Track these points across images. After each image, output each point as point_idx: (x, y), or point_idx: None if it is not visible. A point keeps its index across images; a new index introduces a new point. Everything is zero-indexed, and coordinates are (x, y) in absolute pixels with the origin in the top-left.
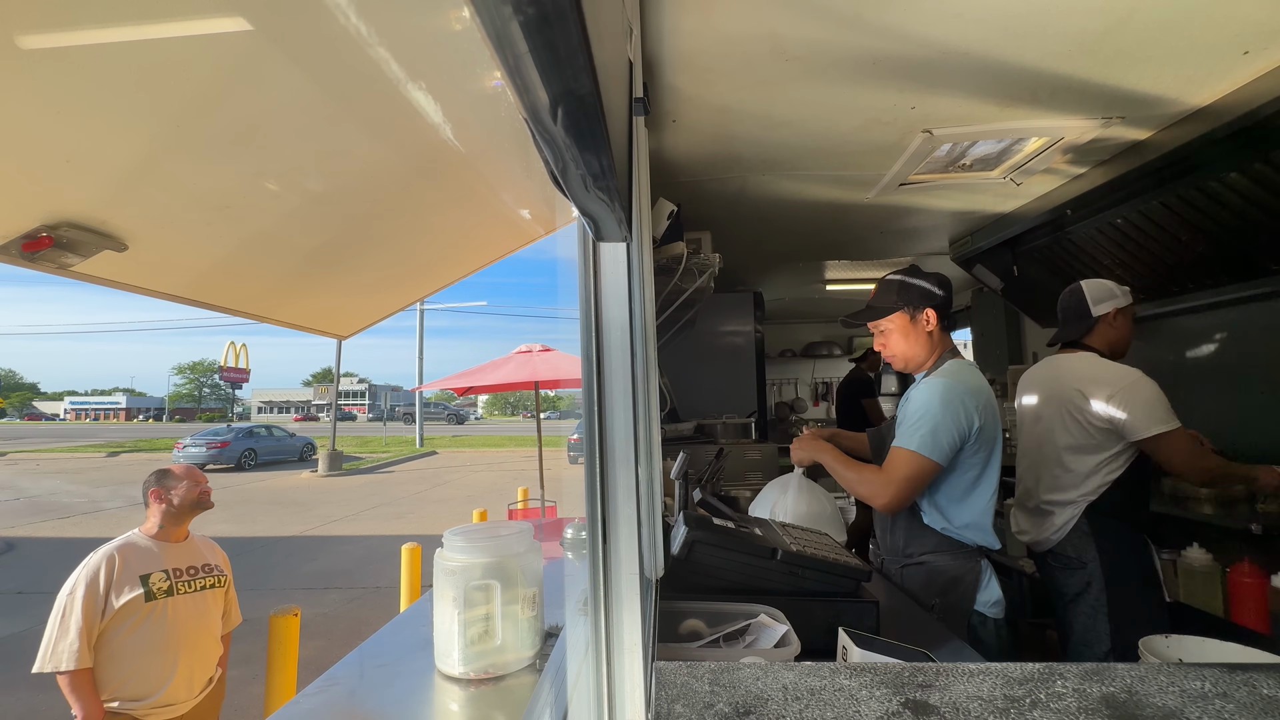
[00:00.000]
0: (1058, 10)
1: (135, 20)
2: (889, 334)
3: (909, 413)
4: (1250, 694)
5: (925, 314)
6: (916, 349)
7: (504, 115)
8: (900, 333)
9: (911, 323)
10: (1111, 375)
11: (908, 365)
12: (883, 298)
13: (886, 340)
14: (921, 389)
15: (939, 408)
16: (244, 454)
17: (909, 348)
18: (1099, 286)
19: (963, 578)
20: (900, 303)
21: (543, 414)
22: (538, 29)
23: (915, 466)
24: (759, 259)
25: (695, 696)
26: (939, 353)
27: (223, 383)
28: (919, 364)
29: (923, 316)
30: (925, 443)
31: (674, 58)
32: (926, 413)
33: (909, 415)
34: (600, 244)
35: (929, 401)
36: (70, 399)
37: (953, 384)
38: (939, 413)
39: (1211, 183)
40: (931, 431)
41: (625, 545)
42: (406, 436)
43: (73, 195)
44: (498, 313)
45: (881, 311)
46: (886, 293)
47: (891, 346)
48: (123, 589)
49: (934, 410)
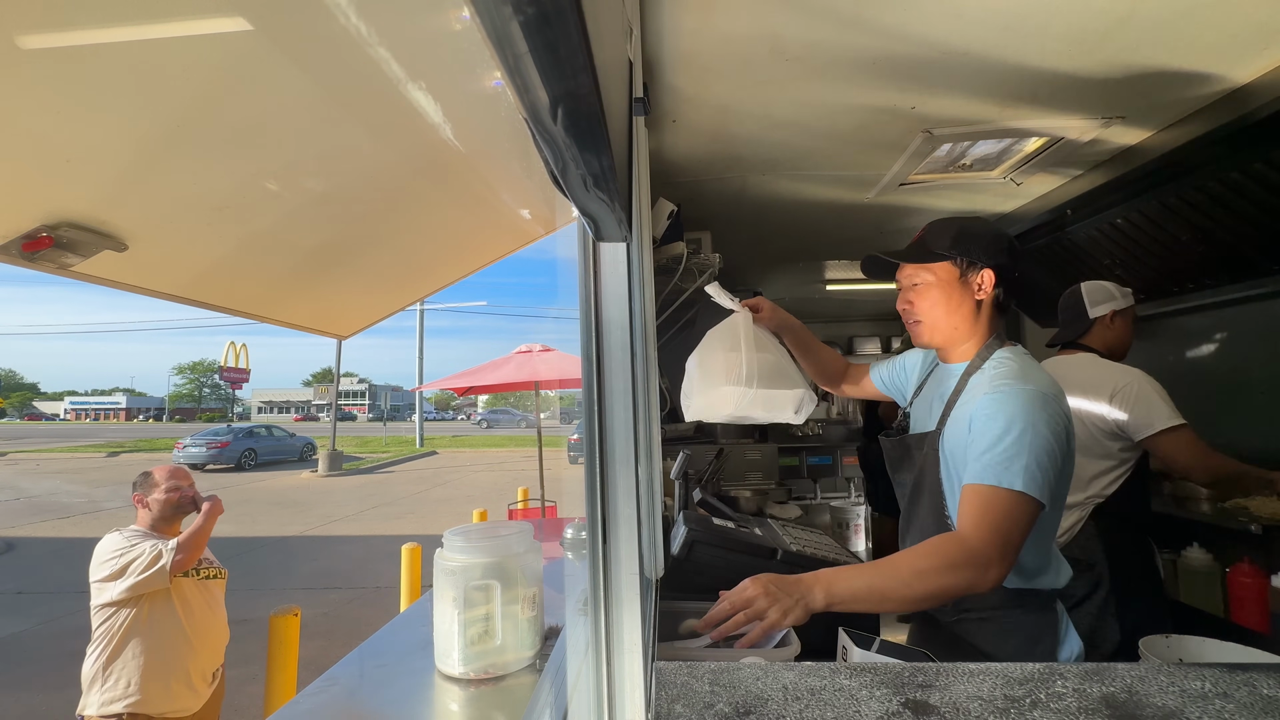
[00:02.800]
0: (1058, 10)
1: (135, 20)
2: (925, 290)
3: (984, 430)
4: (1250, 694)
5: (982, 275)
6: (958, 319)
7: (504, 115)
8: (943, 290)
9: (960, 281)
10: (1111, 376)
11: (935, 339)
12: (934, 239)
13: (918, 299)
14: (998, 397)
15: (1044, 426)
16: (244, 454)
17: (948, 314)
18: (1097, 288)
19: (1041, 637)
20: (955, 251)
21: (543, 414)
22: (538, 29)
23: (1022, 512)
24: (759, 259)
25: (695, 696)
26: (986, 336)
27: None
28: (952, 339)
29: (977, 278)
30: (1033, 478)
31: (674, 58)
32: (1021, 432)
33: (984, 433)
34: (600, 244)
35: (1021, 416)
36: (70, 399)
37: (1044, 393)
38: (1045, 433)
39: (1211, 183)
40: (1038, 460)
41: (625, 545)
42: (407, 436)
43: (73, 195)
44: (498, 313)
45: (926, 255)
46: (939, 234)
47: (921, 308)
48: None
49: (1035, 428)
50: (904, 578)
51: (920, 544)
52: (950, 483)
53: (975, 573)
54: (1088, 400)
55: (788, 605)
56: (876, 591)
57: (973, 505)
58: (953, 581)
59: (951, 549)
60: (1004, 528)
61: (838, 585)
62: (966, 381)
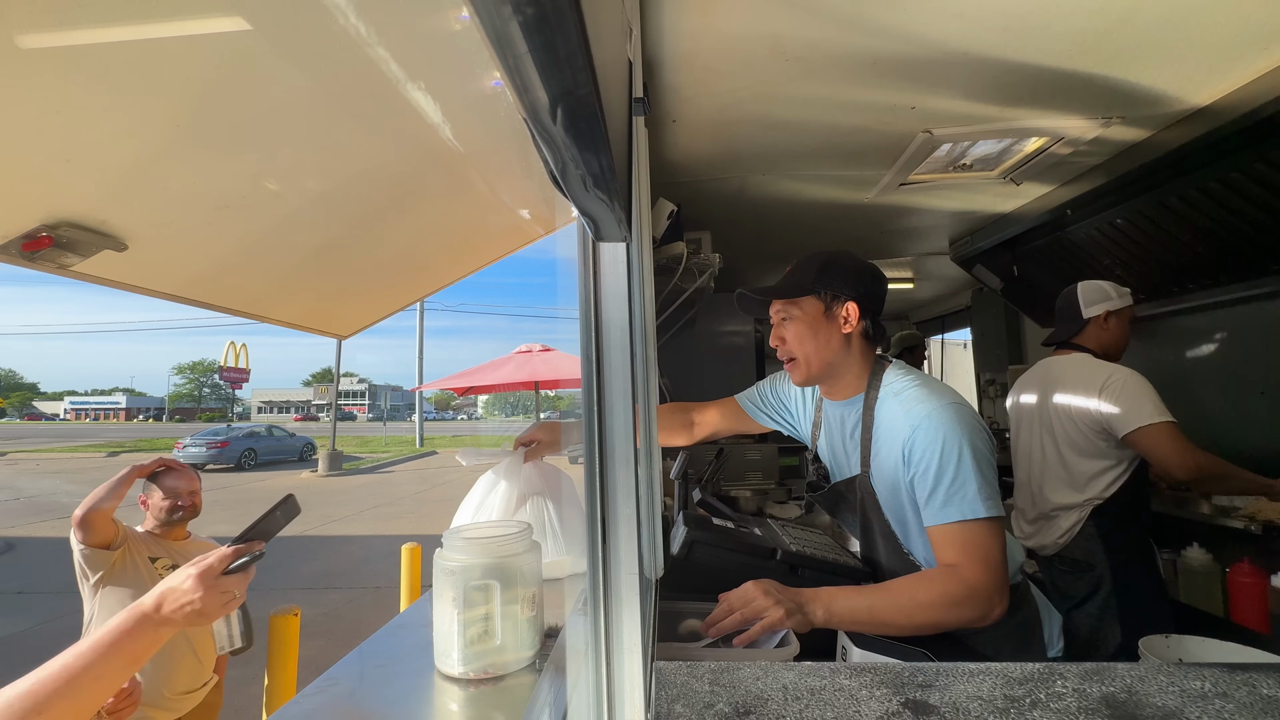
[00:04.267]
0: (1058, 10)
1: (135, 20)
2: (792, 325)
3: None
4: (1250, 694)
5: (846, 308)
6: (828, 353)
7: (504, 115)
8: (809, 325)
9: (826, 315)
10: (1098, 373)
11: (811, 374)
12: (800, 274)
13: (786, 334)
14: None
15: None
16: (244, 454)
17: (818, 350)
18: (1092, 288)
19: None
20: (818, 285)
21: (543, 414)
22: (537, 29)
23: (995, 534)
24: (759, 259)
25: (695, 696)
26: (867, 366)
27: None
28: (828, 374)
29: (842, 310)
30: (988, 499)
31: (674, 58)
32: (959, 456)
33: (928, 469)
34: (600, 244)
35: (954, 438)
36: (70, 399)
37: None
38: (978, 445)
39: (1212, 183)
40: (984, 478)
41: (625, 545)
42: (406, 436)
43: (73, 195)
44: (498, 313)
45: (788, 290)
46: (805, 269)
47: (792, 344)
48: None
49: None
50: (904, 607)
51: (921, 574)
52: (897, 516)
53: (979, 610)
54: (1078, 399)
55: (790, 608)
56: (875, 617)
57: (952, 545)
58: (955, 618)
59: (953, 587)
60: (990, 557)
61: (837, 604)
62: (873, 414)
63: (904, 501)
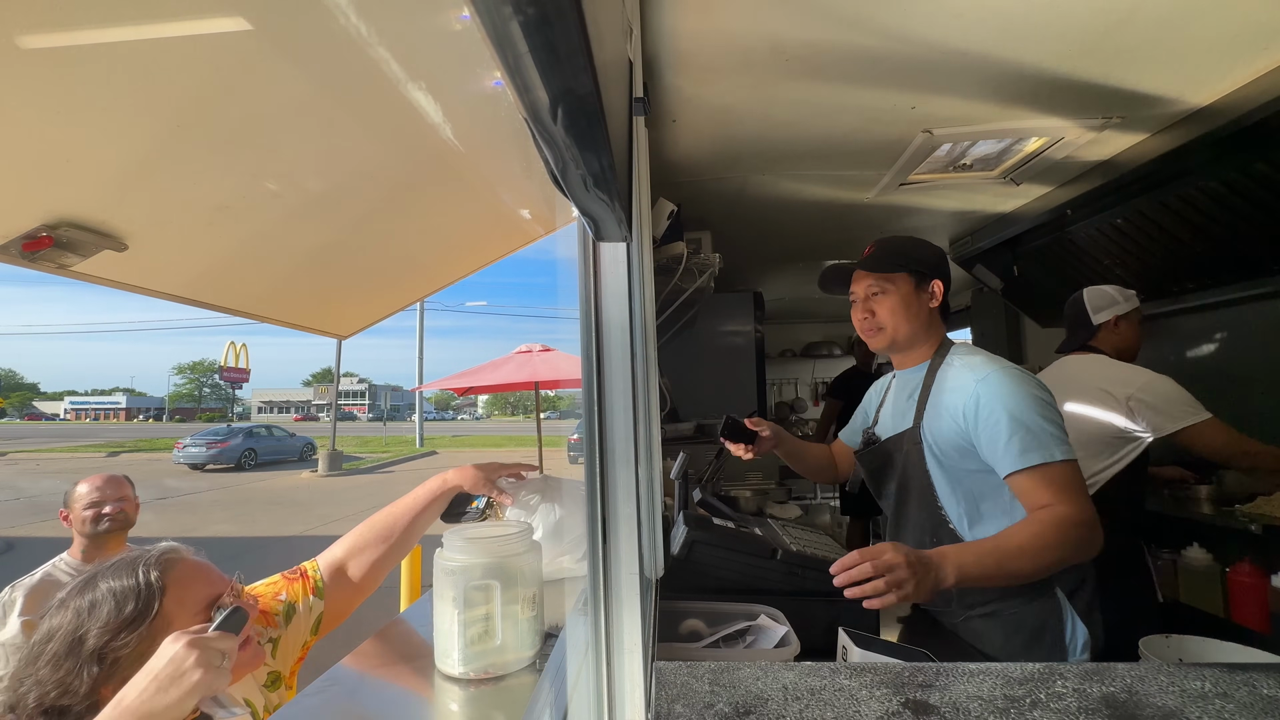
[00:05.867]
0: (1058, 10)
1: (135, 20)
2: (884, 299)
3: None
4: (1250, 694)
5: (933, 286)
6: (917, 325)
7: (504, 115)
8: (901, 300)
9: (915, 291)
10: (1126, 377)
11: (894, 345)
12: (888, 254)
13: (877, 307)
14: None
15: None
16: (244, 454)
17: (906, 322)
18: (1099, 294)
19: (1044, 627)
20: (911, 263)
21: (543, 414)
22: (538, 29)
23: (1078, 475)
24: (759, 259)
25: (695, 696)
26: (940, 337)
27: (223, 383)
28: (911, 343)
29: (929, 289)
30: (1069, 445)
31: (674, 58)
32: (1030, 408)
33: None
34: (600, 244)
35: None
36: (70, 399)
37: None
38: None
39: (1212, 183)
40: (1061, 427)
41: (625, 545)
42: (406, 436)
43: (73, 195)
44: (498, 313)
45: (884, 265)
46: (893, 250)
47: (883, 316)
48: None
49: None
50: (1030, 551)
51: (1027, 520)
52: (941, 471)
53: (1093, 541)
54: (1098, 400)
55: (928, 585)
56: (1005, 569)
57: (1043, 487)
58: (1074, 553)
59: (1067, 525)
60: (1083, 493)
61: (969, 567)
62: (934, 376)
63: (951, 451)
